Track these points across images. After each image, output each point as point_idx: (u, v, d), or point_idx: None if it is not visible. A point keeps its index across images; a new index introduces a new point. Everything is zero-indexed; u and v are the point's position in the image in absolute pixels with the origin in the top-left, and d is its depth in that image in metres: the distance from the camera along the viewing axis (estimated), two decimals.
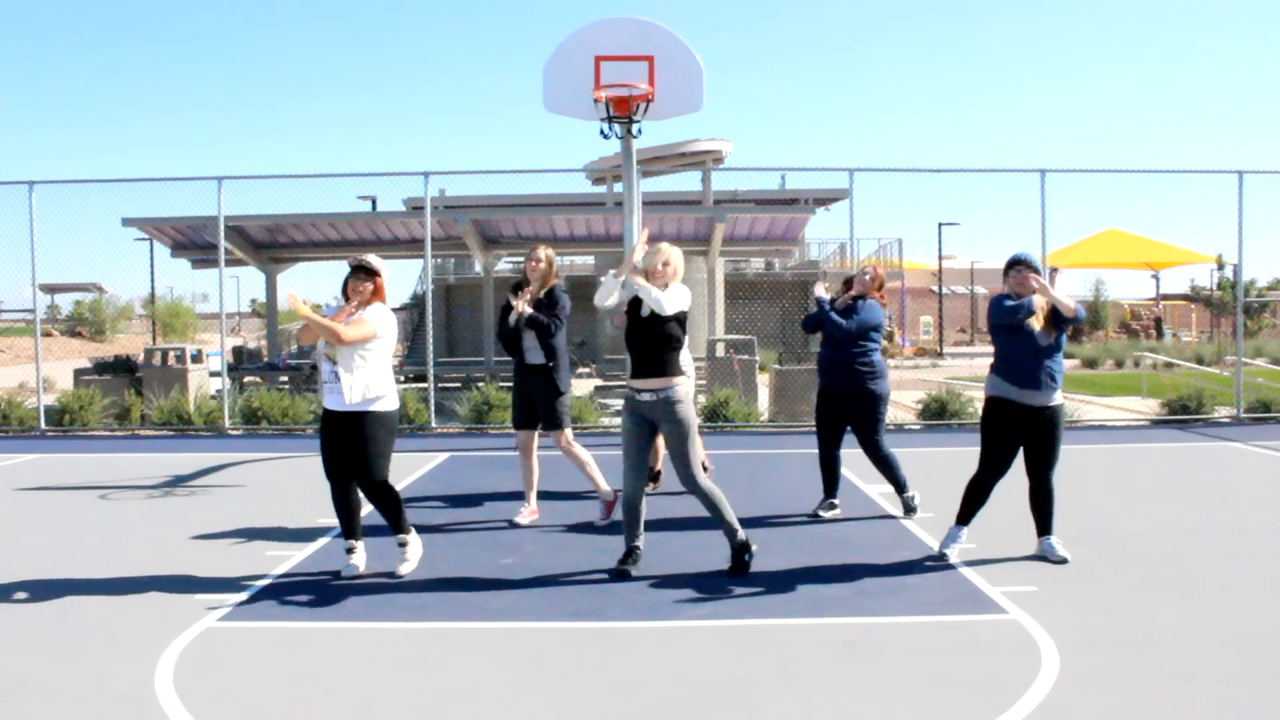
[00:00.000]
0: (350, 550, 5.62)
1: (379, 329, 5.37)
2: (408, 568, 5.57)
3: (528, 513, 6.96)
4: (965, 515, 5.83)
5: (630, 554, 5.58)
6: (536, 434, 6.93)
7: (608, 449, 10.38)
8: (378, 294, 5.45)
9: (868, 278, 6.97)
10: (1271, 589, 5.15)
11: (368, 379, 5.34)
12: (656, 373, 5.39)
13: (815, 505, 7.14)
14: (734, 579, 5.40)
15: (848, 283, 7.12)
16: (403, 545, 5.63)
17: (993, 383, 5.72)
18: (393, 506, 5.54)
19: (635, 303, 5.46)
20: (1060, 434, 5.68)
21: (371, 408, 5.36)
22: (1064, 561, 5.65)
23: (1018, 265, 5.64)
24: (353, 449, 5.37)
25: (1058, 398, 5.64)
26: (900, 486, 7.04)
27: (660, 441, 7.88)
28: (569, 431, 6.84)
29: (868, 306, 6.89)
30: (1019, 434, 5.64)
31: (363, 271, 5.42)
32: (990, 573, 5.45)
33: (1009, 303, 5.57)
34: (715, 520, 5.54)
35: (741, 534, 5.54)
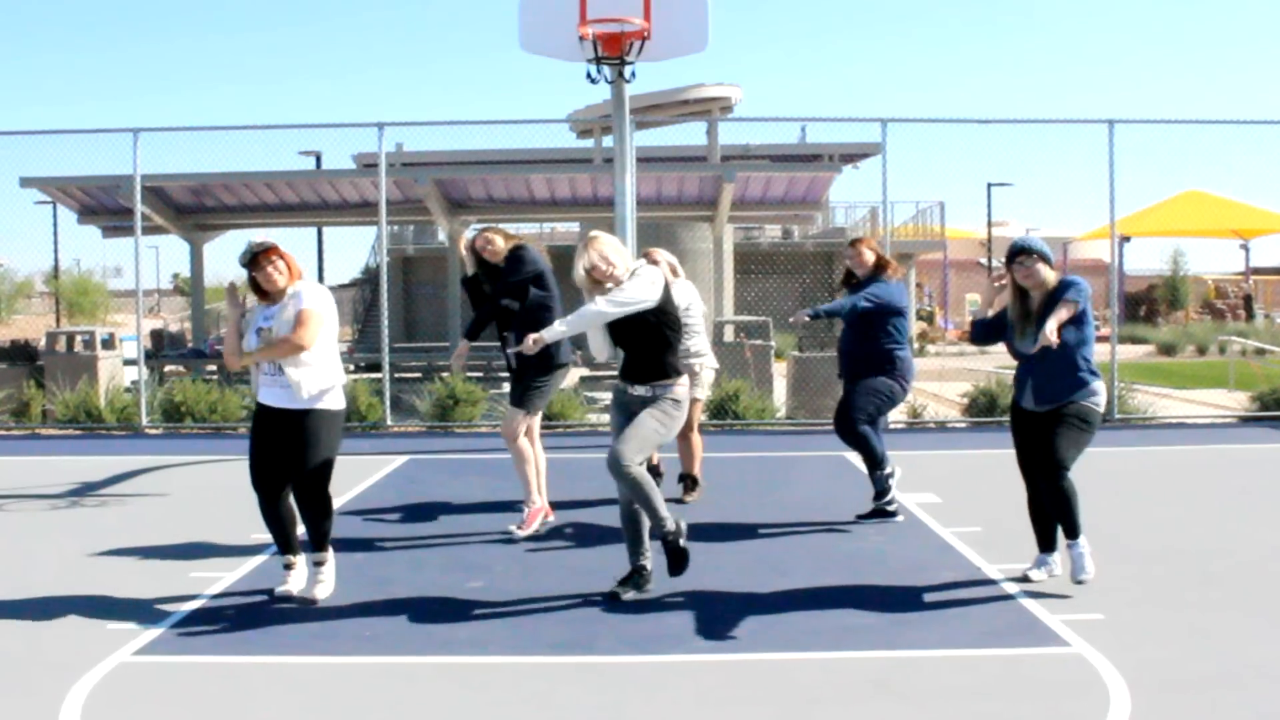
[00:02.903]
0: (289, 567, 5.66)
1: (323, 312, 5.41)
2: (324, 591, 5.58)
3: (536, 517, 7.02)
4: (1040, 541, 5.80)
5: (634, 575, 5.62)
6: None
7: (597, 450, 10.38)
8: (293, 272, 5.44)
9: (863, 255, 7.13)
10: None
11: (318, 371, 5.40)
12: (652, 375, 5.46)
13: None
14: (675, 572, 5.42)
15: (849, 273, 7.29)
16: (320, 565, 5.64)
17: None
18: (325, 521, 5.61)
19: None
20: None
21: (320, 404, 5.43)
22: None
23: (1018, 256, 5.52)
24: (296, 452, 5.40)
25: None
26: (877, 464, 7.18)
27: (696, 441, 7.91)
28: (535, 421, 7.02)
29: (882, 284, 7.09)
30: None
31: (263, 256, 5.37)
32: (1049, 598, 5.45)
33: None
34: (646, 513, 5.47)
35: (670, 522, 5.42)
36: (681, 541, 5.44)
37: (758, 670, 4.54)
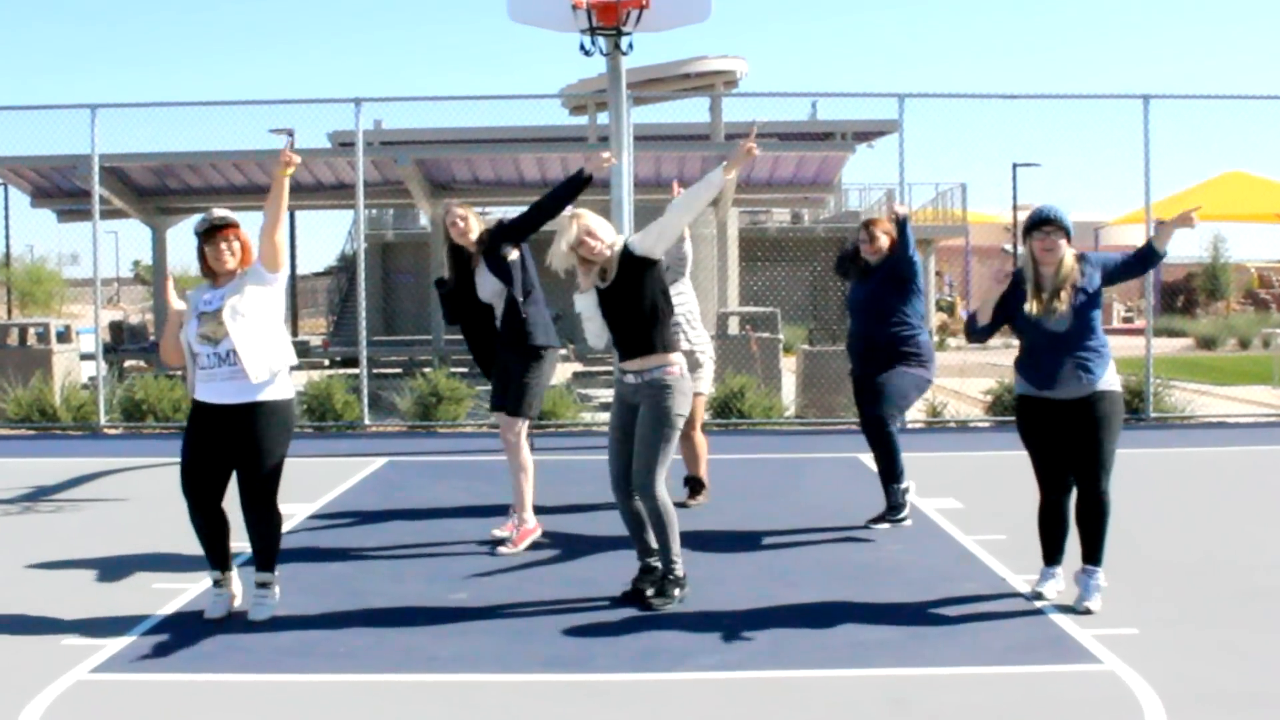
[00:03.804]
0: (220, 583, 5.56)
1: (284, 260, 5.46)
2: (265, 613, 5.48)
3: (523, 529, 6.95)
4: (1050, 553, 5.75)
5: (646, 572, 5.69)
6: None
7: (590, 452, 10.38)
8: (246, 258, 5.43)
9: (878, 240, 7.14)
10: None
11: (272, 353, 5.37)
12: (643, 350, 5.55)
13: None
14: (643, 608, 5.49)
15: (855, 251, 7.33)
16: (266, 586, 5.56)
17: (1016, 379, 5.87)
18: (275, 537, 5.57)
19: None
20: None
21: (268, 394, 5.38)
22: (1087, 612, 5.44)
23: (1042, 226, 5.55)
24: (243, 452, 5.38)
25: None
26: (894, 477, 7.17)
27: (700, 440, 7.91)
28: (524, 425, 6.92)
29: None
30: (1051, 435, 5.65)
31: (220, 232, 5.33)
32: (1079, 611, 5.44)
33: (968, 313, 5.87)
34: (658, 545, 5.60)
35: (680, 567, 5.63)
36: (678, 592, 5.58)
37: (765, 689, 4.54)
